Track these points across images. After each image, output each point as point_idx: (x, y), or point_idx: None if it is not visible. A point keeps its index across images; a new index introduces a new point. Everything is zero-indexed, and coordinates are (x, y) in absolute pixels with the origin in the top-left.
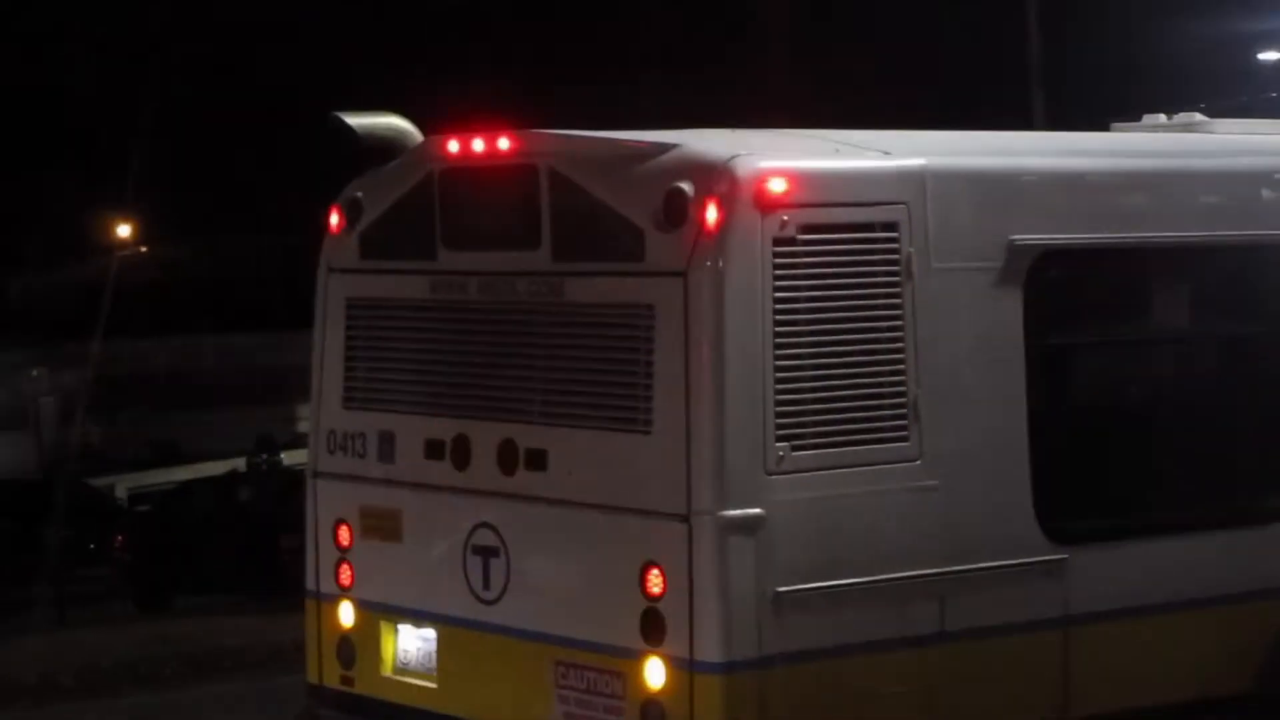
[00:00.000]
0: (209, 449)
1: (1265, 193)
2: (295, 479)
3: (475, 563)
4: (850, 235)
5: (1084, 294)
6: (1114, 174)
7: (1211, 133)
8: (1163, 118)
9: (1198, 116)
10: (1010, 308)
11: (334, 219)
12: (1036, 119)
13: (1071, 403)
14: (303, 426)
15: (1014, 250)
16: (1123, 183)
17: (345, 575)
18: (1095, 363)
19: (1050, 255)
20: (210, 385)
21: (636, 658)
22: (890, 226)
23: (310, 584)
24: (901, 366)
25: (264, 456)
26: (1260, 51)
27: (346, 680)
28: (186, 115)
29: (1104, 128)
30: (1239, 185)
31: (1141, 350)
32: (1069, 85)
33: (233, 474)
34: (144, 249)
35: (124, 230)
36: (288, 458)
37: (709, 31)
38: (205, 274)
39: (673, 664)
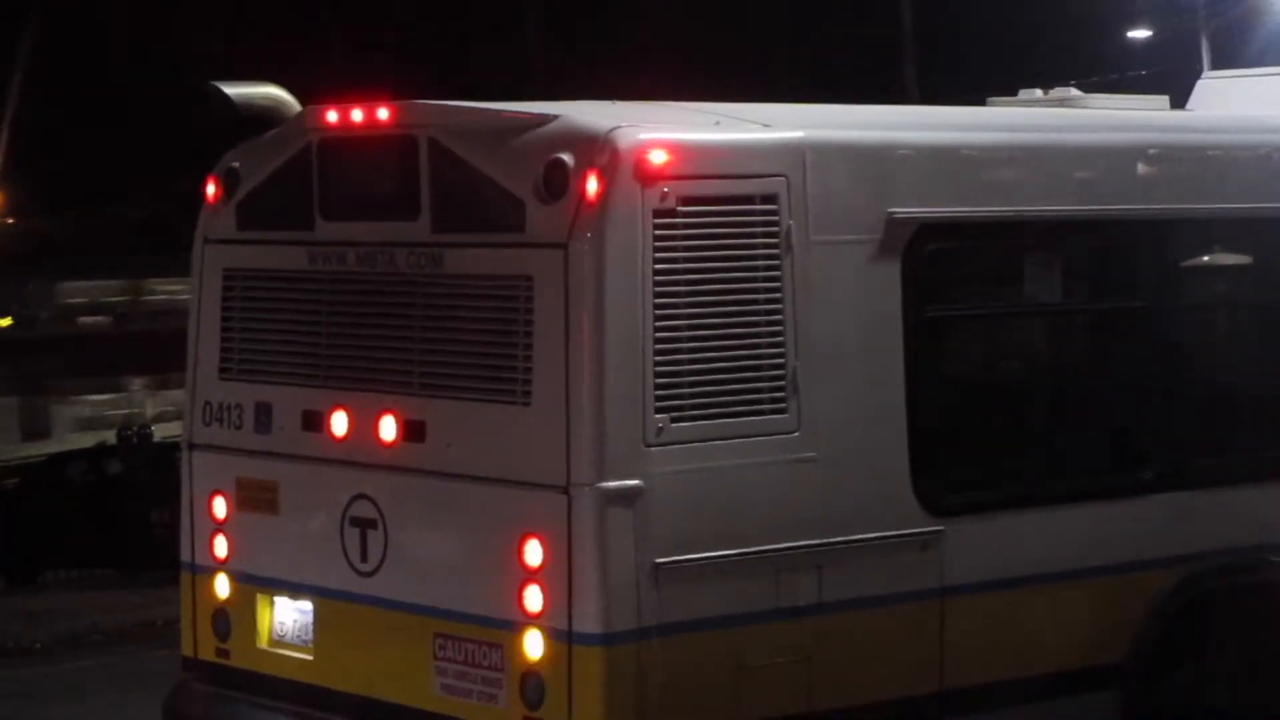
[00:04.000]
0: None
1: (1140, 167)
2: (166, 452)
3: (353, 534)
4: (730, 207)
5: (961, 267)
6: (992, 148)
7: (1087, 108)
8: (1039, 93)
9: (1074, 92)
10: (888, 281)
11: (210, 189)
12: (910, 95)
13: (949, 376)
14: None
15: (892, 223)
16: (1001, 157)
17: (221, 547)
18: (973, 336)
19: (928, 228)
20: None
21: (515, 630)
22: (770, 199)
23: (185, 556)
24: (780, 339)
25: (134, 429)
26: (1130, 30)
27: (222, 653)
28: (61, 81)
29: (980, 103)
30: (1115, 160)
31: (1018, 324)
32: (940, 62)
33: (102, 447)
34: (11, 221)
35: None
36: (158, 431)
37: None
38: (75, 247)
39: (551, 636)
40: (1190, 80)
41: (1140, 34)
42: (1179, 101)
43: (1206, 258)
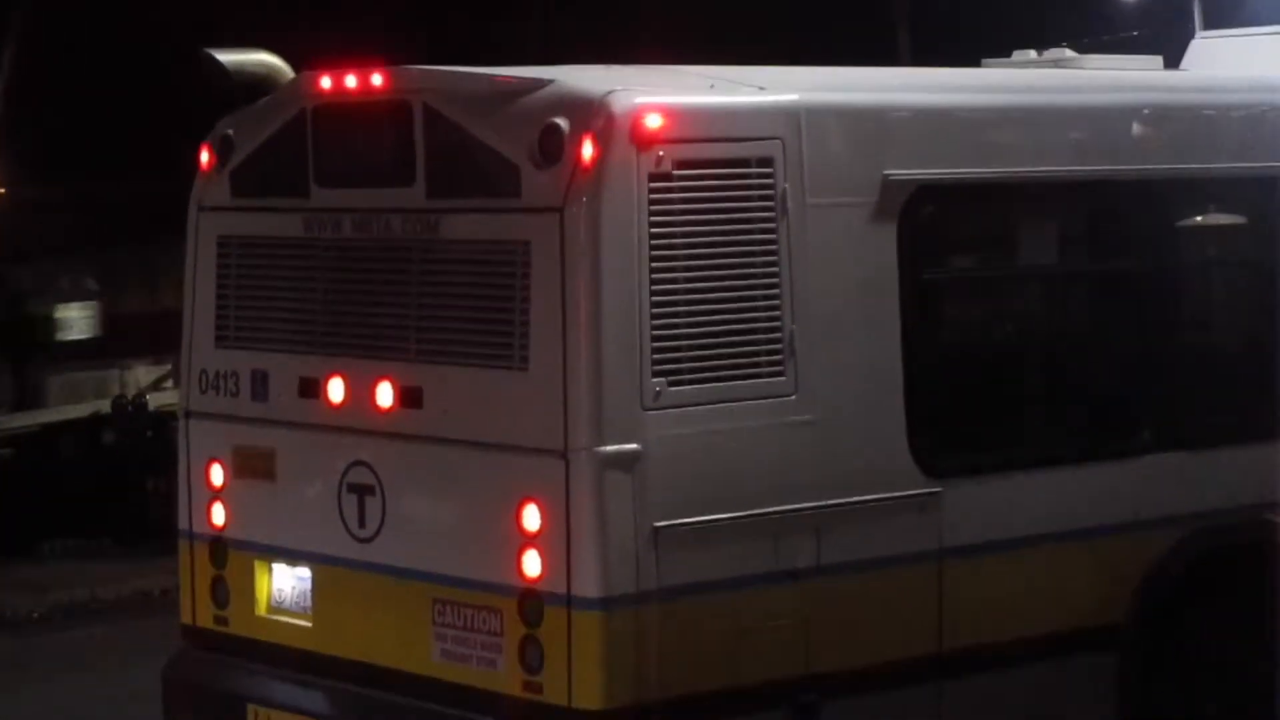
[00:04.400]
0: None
1: (1136, 128)
2: (161, 422)
3: (351, 501)
4: (726, 170)
5: (958, 229)
6: (988, 109)
7: (1082, 69)
8: (1033, 54)
9: (1068, 52)
10: (885, 243)
11: (204, 157)
12: (901, 56)
13: (946, 338)
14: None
15: (888, 185)
16: (996, 118)
17: (219, 515)
18: (969, 298)
19: (924, 190)
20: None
21: (514, 595)
22: (765, 162)
23: (183, 524)
24: (777, 302)
25: (129, 398)
26: None
27: (221, 621)
28: (54, 52)
29: (974, 65)
30: (1111, 121)
31: (1015, 285)
32: (930, 24)
33: (96, 416)
34: (1, 190)
35: None
36: (153, 400)
37: None
38: (73, 218)
39: (550, 600)
40: (1182, 41)
41: None
42: (1172, 62)
43: (1204, 218)
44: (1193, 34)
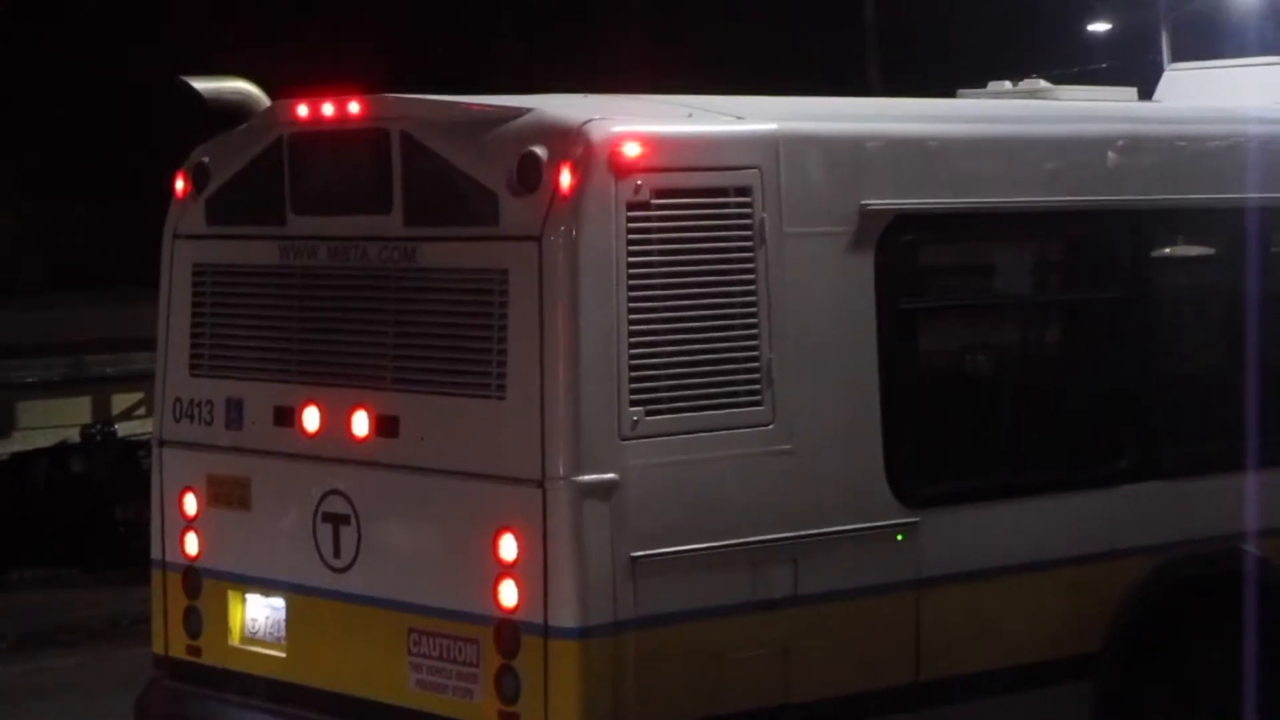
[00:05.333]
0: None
1: (1112, 158)
2: (130, 449)
3: (325, 530)
4: (704, 200)
5: (935, 259)
6: (966, 139)
7: (1057, 99)
8: (1008, 84)
9: (1042, 83)
10: (862, 272)
11: (180, 184)
12: (872, 86)
13: (923, 367)
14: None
15: (866, 215)
16: (974, 148)
17: (192, 544)
18: (946, 328)
19: (902, 220)
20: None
21: (491, 624)
22: (743, 191)
23: (156, 553)
24: (755, 331)
25: (98, 426)
26: (1090, 24)
27: (193, 650)
28: (19, 73)
29: (942, 93)
30: (1087, 151)
31: (991, 315)
32: (900, 56)
33: (64, 445)
34: None
35: None
36: (122, 428)
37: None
38: (39, 241)
39: (527, 630)
40: (1149, 74)
41: (1100, 28)
42: (1143, 94)
43: (1180, 249)
44: (1159, 67)
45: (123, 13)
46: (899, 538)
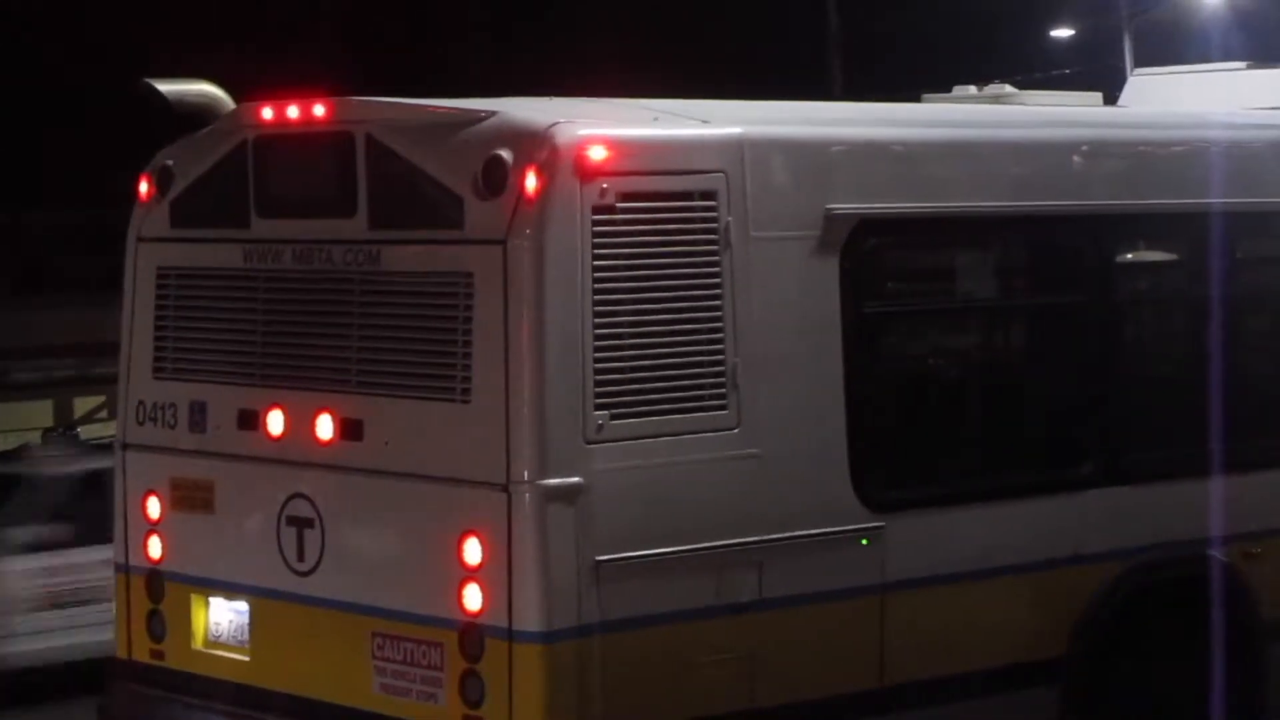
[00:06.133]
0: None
1: (1077, 163)
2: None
3: (289, 534)
4: (669, 204)
5: (900, 263)
6: (931, 144)
7: (1022, 104)
8: (973, 89)
9: (1007, 88)
10: (827, 277)
11: (144, 187)
12: (835, 90)
13: (888, 372)
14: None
15: (831, 219)
16: (939, 152)
17: (155, 548)
18: (911, 332)
19: (866, 225)
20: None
21: (455, 628)
22: (708, 195)
23: (119, 557)
24: (720, 335)
25: (60, 430)
26: (1053, 29)
27: (157, 654)
28: None
29: (910, 101)
30: (1052, 156)
31: (956, 320)
32: (862, 61)
33: (25, 449)
34: None
35: None
36: (85, 432)
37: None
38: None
39: (491, 634)
40: (1112, 80)
41: (1063, 33)
42: (1108, 99)
43: (1144, 253)
44: (1122, 72)
45: (79, 13)
46: (864, 542)
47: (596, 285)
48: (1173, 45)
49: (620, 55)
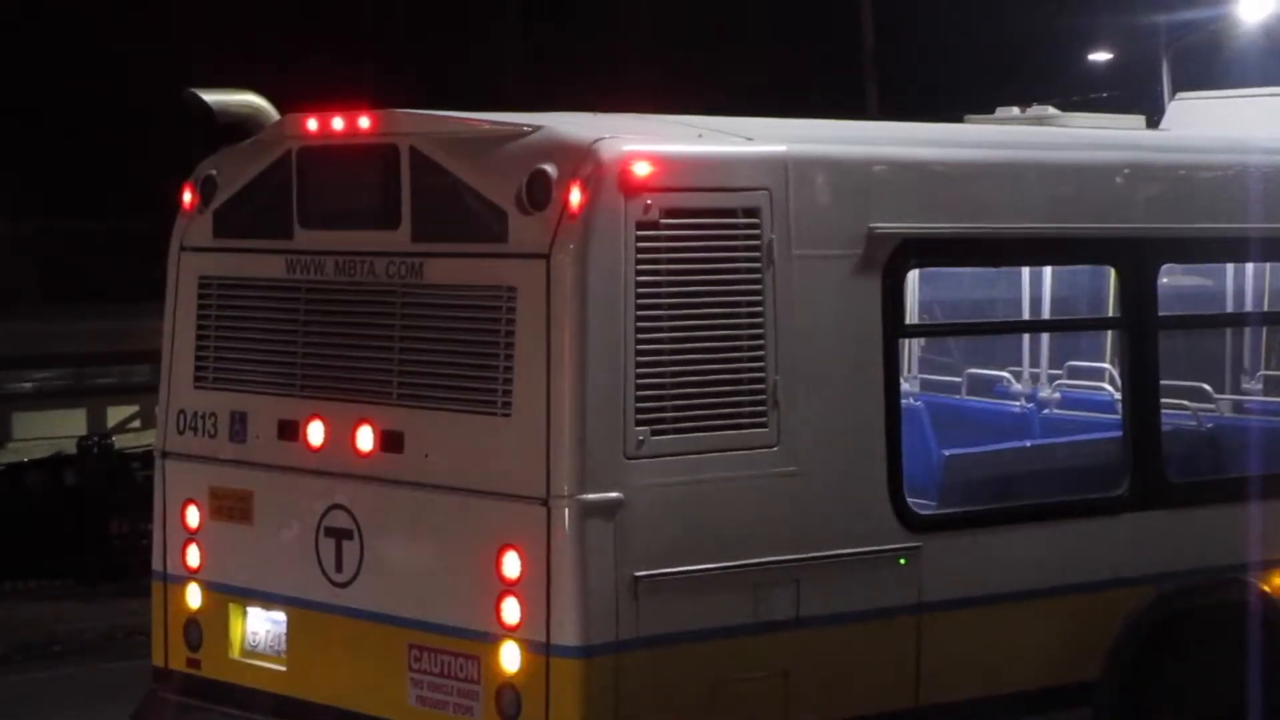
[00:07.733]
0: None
1: (1120, 186)
2: (125, 462)
3: (328, 545)
4: (713, 220)
5: (941, 283)
6: (974, 165)
7: (1064, 126)
8: (1016, 110)
9: (1050, 110)
10: (869, 295)
11: (187, 197)
12: (870, 111)
13: (928, 391)
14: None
15: (873, 238)
16: (983, 173)
17: (193, 556)
18: (952, 351)
19: (909, 244)
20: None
21: (492, 641)
22: (752, 212)
23: (157, 565)
24: (761, 352)
25: (94, 439)
26: (1091, 53)
27: (193, 663)
28: (24, 89)
29: (945, 121)
30: (1095, 178)
31: (994, 340)
32: (898, 82)
33: (60, 456)
34: None
35: None
36: (118, 441)
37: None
38: (35, 254)
39: (529, 648)
40: (1150, 104)
41: (1101, 57)
42: (1149, 123)
43: (1186, 276)
44: (1160, 97)
45: (122, 25)
46: (901, 561)
47: (639, 301)
48: (1211, 70)
49: (656, 73)
